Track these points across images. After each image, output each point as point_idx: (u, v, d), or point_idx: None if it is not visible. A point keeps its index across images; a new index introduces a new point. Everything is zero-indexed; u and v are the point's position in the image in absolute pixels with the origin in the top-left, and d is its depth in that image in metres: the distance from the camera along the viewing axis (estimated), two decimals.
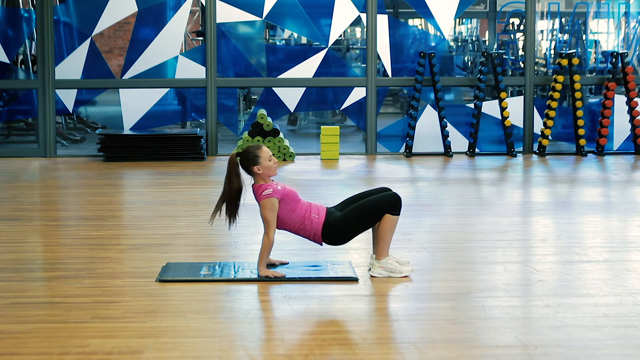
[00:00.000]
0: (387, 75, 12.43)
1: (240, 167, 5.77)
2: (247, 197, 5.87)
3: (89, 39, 12.08)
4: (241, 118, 13.26)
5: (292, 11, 12.41)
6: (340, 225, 5.78)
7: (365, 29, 12.30)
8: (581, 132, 12.10)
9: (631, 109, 12.19)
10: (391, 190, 5.91)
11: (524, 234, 7.35)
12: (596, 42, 14.73)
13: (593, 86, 13.60)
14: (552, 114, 12.06)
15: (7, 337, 4.64)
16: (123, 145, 11.68)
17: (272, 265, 5.95)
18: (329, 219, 5.79)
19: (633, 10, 13.92)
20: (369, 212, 5.77)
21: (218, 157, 11.90)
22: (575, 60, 12.26)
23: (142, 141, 11.64)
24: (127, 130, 12.05)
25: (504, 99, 12.08)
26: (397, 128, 12.56)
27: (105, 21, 12.16)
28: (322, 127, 12.00)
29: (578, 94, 12.10)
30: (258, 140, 11.58)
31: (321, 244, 5.89)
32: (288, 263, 6.05)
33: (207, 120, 12.12)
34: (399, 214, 5.79)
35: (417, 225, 7.53)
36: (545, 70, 14.73)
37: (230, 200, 5.76)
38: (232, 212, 5.77)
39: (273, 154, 11.56)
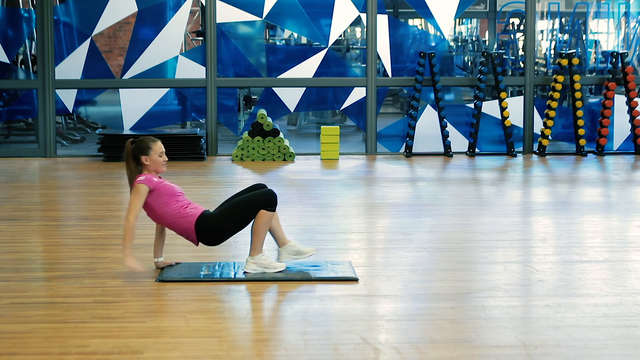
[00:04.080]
0: (387, 75, 12.42)
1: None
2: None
3: (89, 39, 12.08)
4: (241, 118, 13.26)
5: (292, 11, 12.40)
6: (215, 222, 5.78)
7: (365, 29, 12.30)
8: (581, 132, 12.10)
9: (631, 109, 12.19)
10: (266, 187, 5.91)
11: (524, 234, 7.35)
12: (596, 42, 14.73)
13: (593, 86, 13.60)
14: (552, 114, 12.06)
15: (7, 337, 4.64)
16: (123, 145, 11.60)
17: (169, 265, 6.00)
18: (204, 215, 5.80)
19: (633, 10, 13.92)
20: (244, 208, 5.78)
21: (218, 157, 11.90)
22: (575, 60, 12.26)
23: None
24: (127, 130, 12.05)
25: (504, 99, 12.08)
26: (397, 128, 12.56)
27: (105, 21, 12.16)
28: (322, 127, 11.99)
29: (578, 94, 12.10)
30: (258, 141, 11.58)
31: (197, 244, 5.89)
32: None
33: (207, 120, 12.12)
34: (274, 210, 5.78)
35: (417, 225, 7.53)
36: (545, 70, 14.72)
37: (131, 184, 5.86)
38: None
39: (273, 154, 11.70)
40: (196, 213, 5.80)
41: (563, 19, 15.06)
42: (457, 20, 16.92)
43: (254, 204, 5.76)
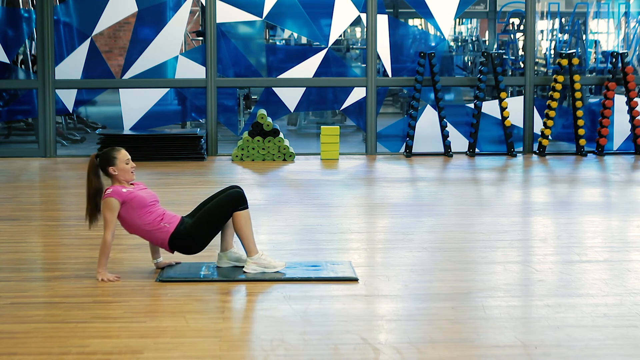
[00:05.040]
0: (387, 75, 12.43)
1: (99, 169, 5.79)
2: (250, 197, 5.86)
3: (89, 39, 12.08)
4: (241, 118, 13.26)
5: (292, 11, 12.40)
6: (190, 233, 5.76)
7: (365, 29, 12.30)
8: (581, 132, 12.10)
9: (631, 109, 12.19)
10: (236, 187, 5.88)
11: (524, 234, 7.35)
12: (596, 42, 14.72)
13: (593, 86, 13.60)
14: (552, 114, 12.06)
15: (7, 337, 4.64)
16: (123, 145, 11.57)
17: (169, 265, 5.97)
18: (180, 228, 5.77)
19: (633, 10, 13.91)
20: (216, 215, 5.78)
21: (218, 157, 11.90)
22: (575, 60, 12.26)
23: (142, 141, 11.63)
24: (127, 130, 12.05)
25: (504, 99, 12.08)
26: (397, 128, 12.56)
27: (105, 21, 12.16)
28: (322, 127, 11.99)
29: (578, 94, 12.10)
30: (258, 141, 11.58)
31: (172, 252, 5.87)
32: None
33: (207, 120, 12.12)
34: (246, 207, 5.78)
35: (417, 225, 7.53)
36: (545, 70, 14.72)
37: (89, 200, 5.78)
38: (92, 212, 5.78)
39: (273, 154, 11.70)
40: (170, 229, 5.75)
41: (563, 19, 15.06)
42: (457, 20, 16.91)
43: (224, 208, 5.76)
